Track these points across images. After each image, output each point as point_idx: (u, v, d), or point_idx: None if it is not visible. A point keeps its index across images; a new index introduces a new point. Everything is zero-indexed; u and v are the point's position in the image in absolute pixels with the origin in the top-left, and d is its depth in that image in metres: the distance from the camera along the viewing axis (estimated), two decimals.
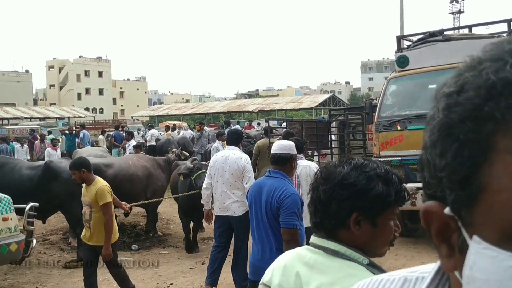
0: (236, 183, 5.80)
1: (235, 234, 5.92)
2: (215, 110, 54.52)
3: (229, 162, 5.81)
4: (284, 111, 50.35)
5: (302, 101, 51.88)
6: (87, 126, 42.84)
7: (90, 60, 79.04)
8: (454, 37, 8.06)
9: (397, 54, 8.35)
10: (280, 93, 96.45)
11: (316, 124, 12.14)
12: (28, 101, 68.93)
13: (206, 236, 8.99)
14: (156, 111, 62.27)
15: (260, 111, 50.47)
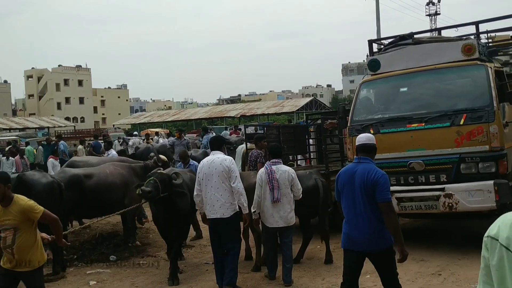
0: (224, 185, 6.05)
1: (224, 236, 6.11)
2: (197, 116, 54.43)
3: (215, 165, 6.10)
4: (266, 115, 50.47)
5: (283, 105, 52.02)
6: (67, 135, 42.42)
7: (70, 69, 78.36)
8: (424, 40, 8.13)
9: (369, 58, 8.42)
10: (262, 98, 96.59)
11: (293, 129, 12.16)
12: (7, 112, 68.07)
13: (186, 244, 8.93)
14: (138, 118, 61.95)
15: (242, 116, 50.49)
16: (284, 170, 6.53)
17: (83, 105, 78.36)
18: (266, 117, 50.51)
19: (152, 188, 6.46)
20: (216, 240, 6.23)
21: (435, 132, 7.15)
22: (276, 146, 7.42)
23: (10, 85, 73.61)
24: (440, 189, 7.04)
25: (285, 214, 6.42)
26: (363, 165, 4.63)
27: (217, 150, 6.42)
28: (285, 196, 6.44)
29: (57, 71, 76.76)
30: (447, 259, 6.99)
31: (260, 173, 6.63)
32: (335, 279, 6.50)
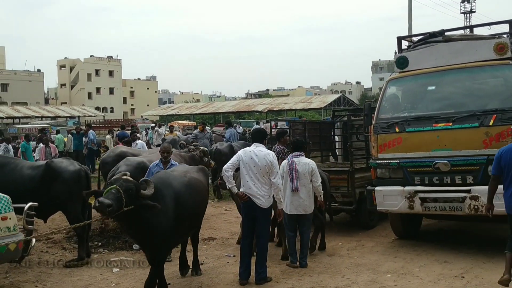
0: (264, 178, 6.27)
1: (259, 222, 6.33)
2: (224, 109, 54.62)
3: (259, 158, 6.26)
4: (294, 111, 50.29)
5: (311, 101, 51.82)
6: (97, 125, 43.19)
7: (101, 60, 79.51)
8: (455, 38, 7.90)
9: (397, 55, 8.23)
10: (290, 93, 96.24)
11: (319, 125, 12.12)
12: (39, 100, 69.50)
13: (207, 236, 9.02)
14: (166, 110, 62.56)
15: (269, 111, 50.47)
16: (305, 162, 7.11)
17: (113, 96, 79.49)
18: (293, 112, 50.36)
19: (113, 201, 4.91)
20: (250, 223, 6.39)
21: (463, 133, 6.99)
22: (299, 140, 7.74)
23: (43, 74, 75.00)
24: (466, 191, 6.87)
25: (303, 202, 6.99)
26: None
27: (259, 143, 6.57)
28: (304, 186, 7.00)
29: (88, 61, 78.02)
30: (471, 261, 6.87)
31: (283, 164, 7.16)
32: (355, 276, 6.48)
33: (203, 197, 6.48)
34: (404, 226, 8.25)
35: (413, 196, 7.20)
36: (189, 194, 5.88)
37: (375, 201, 7.55)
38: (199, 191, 6.26)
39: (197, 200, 6.12)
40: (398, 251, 7.63)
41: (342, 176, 8.89)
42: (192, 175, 6.34)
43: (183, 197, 5.73)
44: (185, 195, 5.79)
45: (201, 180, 6.51)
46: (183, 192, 5.79)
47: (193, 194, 6.01)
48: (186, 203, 5.75)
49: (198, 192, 6.18)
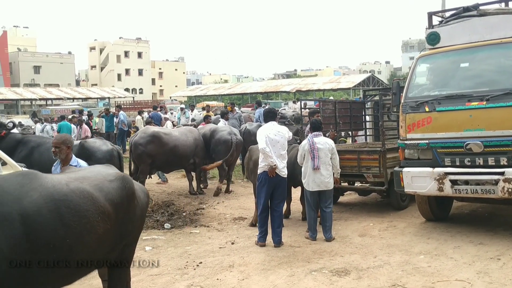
0: (284, 152, 7.19)
1: (279, 192, 7.19)
2: (252, 90, 54.54)
3: (281, 135, 7.14)
4: (322, 91, 49.92)
5: (340, 81, 51.23)
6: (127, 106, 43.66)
7: (130, 41, 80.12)
8: (490, 11, 7.52)
9: (428, 31, 7.89)
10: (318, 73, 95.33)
11: (349, 104, 11.94)
12: (71, 82, 70.70)
13: (237, 216, 9.07)
14: (194, 91, 62.88)
15: (298, 91, 50.18)
16: (325, 142, 7.45)
17: (142, 77, 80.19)
18: (322, 92, 49.93)
19: None
20: (269, 194, 7.16)
21: (497, 112, 6.66)
22: (317, 120, 7.91)
23: (74, 56, 76.05)
24: (500, 173, 6.55)
25: (325, 179, 7.33)
26: None
27: (273, 121, 7.39)
28: (324, 164, 7.33)
29: (118, 43, 78.73)
30: (507, 243, 6.71)
31: (303, 144, 7.63)
32: (387, 257, 6.42)
33: (95, 223, 3.62)
34: (432, 209, 8.03)
35: (443, 178, 6.96)
36: (54, 217, 3.34)
37: (403, 182, 7.36)
38: (85, 212, 3.56)
39: (75, 227, 3.44)
40: (431, 232, 7.51)
41: (373, 156, 8.77)
42: (83, 186, 3.71)
43: (37, 222, 3.24)
44: (44, 218, 3.28)
45: (108, 193, 3.87)
46: (39, 214, 3.27)
47: (67, 217, 3.41)
48: (44, 231, 3.27)
49: (80, 214, 3.51)
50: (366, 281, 5.62)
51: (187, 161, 11.03)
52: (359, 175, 9.02)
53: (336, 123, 10.63)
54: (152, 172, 11.37)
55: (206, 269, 6.20)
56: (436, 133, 7.13)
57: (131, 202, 4.10)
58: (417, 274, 5.77)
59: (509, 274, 5.57)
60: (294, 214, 8.96)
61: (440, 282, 5.48)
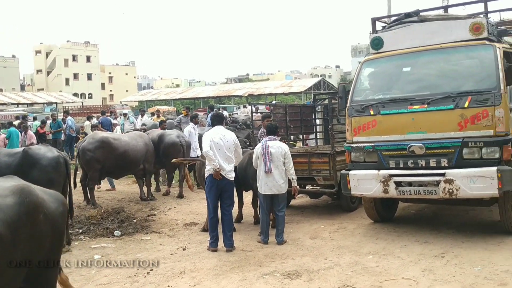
0: (231, 156, 7.20)
1: (226, 195, 7.22)
2: (204, 94, 54.38)
3: (226, 139, 7.17)
4: (274, 95, 50.27)
5: (291, 85, 51.81)
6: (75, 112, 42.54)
7: (78, 45, 78.16)
8: (430, 18, 7.76)
9: (372, 36, 8.05)
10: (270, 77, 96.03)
11: (300, 108, 12.10)
12: (15, 87, 68.19)
13: (189, 221, 9.00)
14: (145, 96, 61.97)
15: (250, 95, 50.30)
16: (278, 146, 7.48)
17: (91, 81, 78.34)
18: (274, 96, 50.31)
19: None
20: (217, 197, 7.18)
21: (438, 115, 6.85)
22: (272, 125, 7.94)
23: (18, 59, 73.60)
24: (441, 174, 6.72)
25: (277, 183, 7.37)
26: None
27: (219, 125, 7.43)
28: (277, 168, 7.36)
29: (65, 46, 76.61)
30: (450, 241, 6.96)
31: (257, 148, 7.68)
32: (337, 258, 6.53)
33: None
34: (378, 210, 8.19)
35: (387, 180, 7.08)
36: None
37: (350, 185, 7.44)
38: None
39: None
40: (380, 232, 7.70)
41: (323, 159, 8.90)
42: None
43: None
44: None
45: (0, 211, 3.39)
46: None
47: None
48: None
49: None
50: (317, 282, 5.69)
51: (137, 167, 10.87)
52: (310, 178, 9.13)
53: (287, 127, 10.75)
54: (101, 178, 11.13)
55: (157, 276, 6.11)
56: (381, 136, 7.25)
57: (33, 217, 3.56)
58: (366, 274, 5.89)
59: (452, 271, 5.78)
60: (246, 218, 8.97)
61: (388, 281, 5.63)
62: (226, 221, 7.23)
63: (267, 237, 7.46)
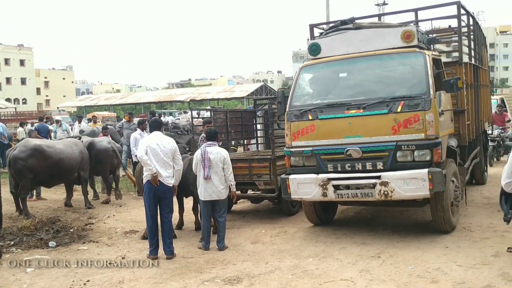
0: (169, 161, 7.08)
1: (165, 203, 7.10)
2: (145, 100, 53.59)
3: (164, 144, 7.08)
4: (216, 100, 50.26)
5: (234, 90, 51.95)
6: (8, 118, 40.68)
7: (10, 48, 74.79)
8: (364, 25, 7.99)
9: (309, 42, 8.21)
10: (213, 82, 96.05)
11: (241, 113, 12.13)
12: None
13: (129, 229, 8.81)
14: (84, 101, 60.30)
15: (192, 101, 50.01)
16: (217, 152, 7.43)
17: (25, 86, 75.13)
18: (216, 102, 50.29)
19: None
20: (155, 204, 7.07)
21: (373, 119, 7.00)
22: (211, 130, 7.89)
23: None
24: (376, 177, 6.90)
25: (217, 189, 7.35)
26: None
27: (157, 131, 7.32)
28: (217, 174, 7.33)
29: None
30: (386, 242, 7.18)
31: (196, 153, 7.61)
32: (278, 262, 6.57)
33: None
34: (318, 214, 8.32)
35: (326, 184, 7.19)
36: None
37: (289, 189, 7.51)
38: None
39: None
40: (319, 235, 7.83)
41: (264, 164, 8.96)
42: None
43: None
44: None
45: None
46: None
47: None
48: None
49: None
50: (258, 287, 5.71)
51: (72, 175, 10.51)
52: (251, 183, 9.16)
53: (227, 132, 10.75)
54: (33, 188, 10.66)
55: (94, 287, 5.92)
56: (319, 140, 7.36)
57: None
58: (306, 276, 5.97)
59: (388, 271, 5.96)
60: (188, 224, 8.88)
61: (327, 283, 5.72)
62: (166, 228, 7.13)
63: (208, 243, 7.41)
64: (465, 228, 7.66)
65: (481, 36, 11.73)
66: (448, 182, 7.07)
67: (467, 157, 9.09)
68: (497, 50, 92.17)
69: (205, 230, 7.44)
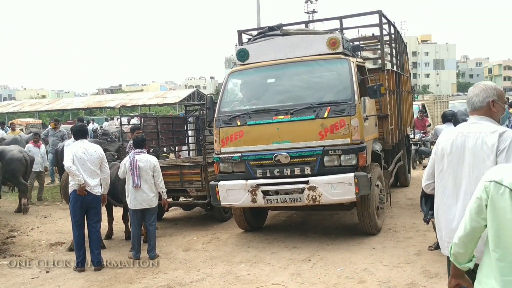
0: (97, 169, 6.91)
1: (93, 212, 6.92)
2: (73, 106, 51.60)
3: (91, 152, 6.88)
4: (148, 106, 49.34)
5: (166, 96, 51.16)
6: None
7: None
8: (291, 32, 8.10)
9: (237, 48, 8.25)
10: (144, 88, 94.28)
11: (172, 120, 11.99)
12: None
13: (54, 241, 8.45)
14: (6, 107, 57.10)
15: (123, 107, 48.75)
16: (147, 159, 7.27)
17: None
18: (148, 108, 49.39)
19: None
20: (82, 214, 6.88)
21: (301, 125, 7.09)
22: (139, 138, 7.76)
23: None
24: (305, 182, 6.98)
25: (147, 197, 7.18)
26: None
27: (83, 139, 7.12)
28: (146, 182, 7.18)
29: None
30: (317, 245, 7.33)
31: (124, 161, 7.40)
32: (210, 269, 6.54)
33: None
34: (248, 220, 8.31)
35: (255, 190, 7.20)
36: None
37: (219, 196, 7.46)
38: None
39: None
40: (252, 241, 7.86)
41: (195, 170, 8.89)
42: None
43: None
44: None
45: None
46: None
47: None
48: None
49: None
50: None
51: None
52: (183, 190, 9.06)
53: (158, 139, 10.59)
54: None
55: None
56: (248, 146, 7.37)
57: None
58: (238, 282, 5.97)
59: (318, 273, 6.09)
60: (117, 234, 8.65)
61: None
62: (94, 238, 6.93)
63: (138, 252, 7.24)
64: (391, 229, 7.98)
65: (402, 44, 12.30)
66: (373, 186, 7.31)
67: (391, 161, 9.46)
68: (419, 58, 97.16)
69: (135, 239, 7.28)
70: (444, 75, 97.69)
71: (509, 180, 2.29)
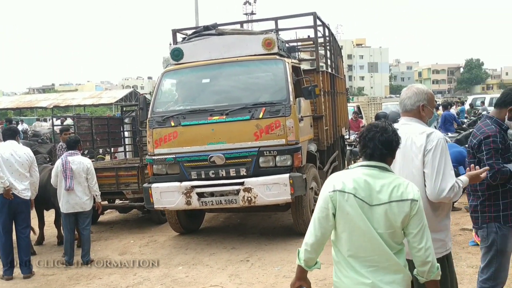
0: (25, 173, 6.61)
1: (21, 217, 6.62)
2: (1, 106, 49.23)
3: (18, 155, 6.58)
4: (83, 106, 47.88)
5: (101, 96, 49.81)
6: None
7: None
8: (227, 31, 8.09)
9: (172, 47, 8.13)
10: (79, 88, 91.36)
11: (107, 120, 11.69)
12: None
13: None
14: None
15: (56, 107, 47.01)
16: (80, 161, 7.05)
17: None
18: (82, 108, 47.91)
19: None
20: (10, 219, 6.58)
21: (236, 125, 7.05)
22: (72, 139, 7.48)
23: None
24: (240, 183, 6.94)
25: (80, 200, 6.96)
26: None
27: (12, 140, 6.77)
28: (80, 184, 6.95)
29: None
30: (255, 245, 7.36)
31: (56, 164, 7.15)
32: (147, 273, 6.44)
33: None
34: (182, 222, 8.19)
35: (190, 192, 7.09)
36: None
37: (152, 198, 7.30)
38: None
39: None
40: (190, 243, 7.80)
41: (131, 172, 8.72)
42: None
43: None
44: None
45: None
46: None
47: None
48: None
49: None
50: None
51: None
52: (119, 192, 8.85)
53: (93, 140, 10.29)
54: None
55: None
56: (182, 147, 7.26)
57: None
58: (176, 285, 5.92)
59: (256, 273, 6.13)
60: (49, 239, 8.33)
61: None
62: (23, 245, 6.64)
63: (71, 257, 7.02)
64: None
65: (336, 46, 12.59)
66: (308, 186, 7.39)
67: (327, 161, 9.65)
68: (354, 61, 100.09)
69: (68, 244, 7.04)
70: (377, 77, 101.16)
71: (350, 186, 2.59)
